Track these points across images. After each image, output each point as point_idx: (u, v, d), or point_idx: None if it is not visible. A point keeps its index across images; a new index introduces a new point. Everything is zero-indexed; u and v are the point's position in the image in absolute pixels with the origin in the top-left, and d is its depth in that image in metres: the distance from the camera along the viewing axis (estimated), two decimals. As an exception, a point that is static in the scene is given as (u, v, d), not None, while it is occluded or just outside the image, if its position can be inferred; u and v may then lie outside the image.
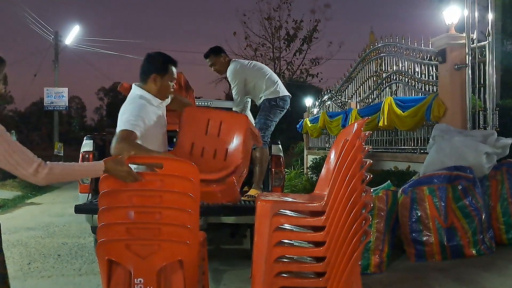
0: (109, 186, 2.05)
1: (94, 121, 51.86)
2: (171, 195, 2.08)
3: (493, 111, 4.85)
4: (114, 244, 2.06)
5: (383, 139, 7.25)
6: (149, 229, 2.07)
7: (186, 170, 2.08)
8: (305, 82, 22.00)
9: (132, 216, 2.07)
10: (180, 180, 2.08)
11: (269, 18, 22.31)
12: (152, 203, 2.07)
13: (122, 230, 2.06)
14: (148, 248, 2.05)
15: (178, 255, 2.08)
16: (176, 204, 2.07)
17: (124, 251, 2.04)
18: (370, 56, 7.82)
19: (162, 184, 2.08)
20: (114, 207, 2.07)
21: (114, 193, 2.06)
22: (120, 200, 2.06)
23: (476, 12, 4.98)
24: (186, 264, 2.08)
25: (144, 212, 2.08)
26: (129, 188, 2.04)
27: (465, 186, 3.87)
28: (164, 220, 2.06)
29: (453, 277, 3.44)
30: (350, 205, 2.01)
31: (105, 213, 2.06)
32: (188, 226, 2.06)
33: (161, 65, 2.54)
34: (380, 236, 3.68)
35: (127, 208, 2.08)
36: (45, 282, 3.77)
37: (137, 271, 2.04)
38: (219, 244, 5.17)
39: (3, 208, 8.30)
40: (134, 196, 2.07)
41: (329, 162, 2.40)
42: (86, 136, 4.40)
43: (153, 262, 2.05)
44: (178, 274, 2.08)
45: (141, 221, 2.07)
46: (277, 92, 4.26)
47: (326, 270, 2.03)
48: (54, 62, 20.41)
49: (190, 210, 2.06)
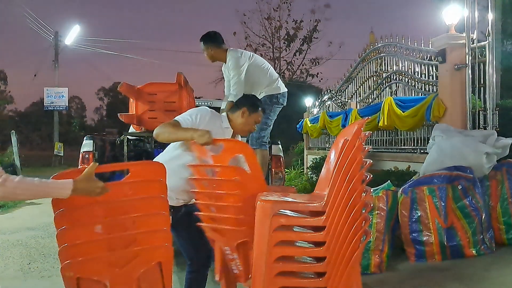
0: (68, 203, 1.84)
1: (94, 121, 51.86)
2: (144, 201, 2.01)
3: (493, 111, 4.85)
4: (86, 262, 1.92)
5: (383, 139, 7.25)
6: (124, 239, 1.98)
7: (154, 171, 2.04)
8: (305, 82, 22.04)
9: (101, 229, 1.93)
10: (150, 183, 2.03)
11: (269, 18, 22.36)
12: (124, 212, 1.97)
13: (96, 247, 1.93)
14: (125, 257, 1.97)
15: (156, 259, 2.04)
16: (150, 209, 2.01)
17: (98, 266, 1.93)
18: (370, 56, 7.82)
19: (133, 191, 1.99)
20: (83, 223, 1.91)
21: (77, 210, 1.89)
22: (87, 215, 1.92)
23: (476, 12, 4.98)
24: (164, 265, 2.05)
25: (116, 224, 1.96)
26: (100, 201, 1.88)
27: (465, 186, 3.87)
28: (139, 227, 1.98)
29: (453, 277, 3.44)
30: (350, 205, 2.00)
31: (70, 231, 1.89)
32: (164, 229, 2.03)
33: (253, 103, 2.73)
34: (380, 236, 3.68)
35: (98, 223, 1.94)
36: (45, 282, 3.77)
37: (114, 282, 1.93)
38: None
39: (3, 208, 8.30)
40: (103, 209, 1.94)
41: (329, 162, 2.40)
42: (86, 136, 4.41)
43: (131, 271, 1.97)
44: (156, 276, 2.04)
45: (115, 232, 1.96)
46: (278, 88, 4.19)
47: (326, 270, 2.03)
48: (54, 62, 20.44)
49: (164, 212, 2.03)
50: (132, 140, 5.31)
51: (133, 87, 4.57)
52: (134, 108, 4.70)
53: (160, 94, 4.61)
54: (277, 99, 4.18)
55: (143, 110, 4.60)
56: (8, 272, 4.14)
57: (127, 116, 4.61)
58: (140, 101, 4.62)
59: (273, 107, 4.17)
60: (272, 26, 22.55)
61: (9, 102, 38.95)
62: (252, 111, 2.66)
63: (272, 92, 4.17)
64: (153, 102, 4.61)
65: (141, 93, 4.60)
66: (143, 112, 4.60)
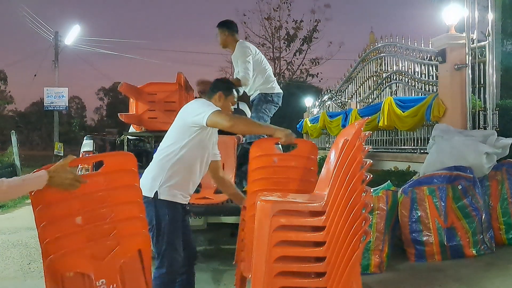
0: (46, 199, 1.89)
1: (94, 121, 51.83)
2: (119, 190, 2.07)
3: (493, 111, 4.85)
4: (68, 255, 1.95)
5: (383, 139, 7.25)
6: (103, 229, 2.02)
7: (126, 162, 2.09)
8: (305, 82, 22.03)
9: (80, 221, 1.97)
10: (123, 173, 2.08)
11: (269, 18, 22.37)
12: (101, 203, 2.02)
13: (77, 239, 1.97)
14: (106, 248, 2.01)
15: (136, 246, 2.09)
16: (126, 198, 2.08)
17: (81, 259, 1.96)
18: (370, 56, 7.83)
19: (108, 181, 2.04)
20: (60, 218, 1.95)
21: (55, 205, 1.93)
22: (64, 209, 1.95)
23: (476, 12, 4.98)
24: (144, 252, 2.10)
25: (95, 214, 2.01)
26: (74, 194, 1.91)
27: (465, 186, 3.87)
28: (117, 216, 2.04)
29: (453, 277, 3.44)
30: (350, 205, 2.00)
31: (49, 227, 1.93)
32: (140, 216, 2.09)
33: (228, 87, 2.79)
34: (380, 236, 3.68)
35: (77, 215, 1.97)
36: (45, 282, 3.77)
37: (98, 273, 1.97)
38: (219, 244, 5.17)
39: (3, 208, 8.29)
40: (80, 201, 1.97)
41: (329, 162, 2.40)
42: (86, 136, 4.42)
43: (114, 260, 2.01)
44: (136, 264, 2.09)
45: (94, 223, 2.00)
46: (272, 88, 4.30)
47: (326, 270, 2.03)
48: (54, 62, 20.42)
49: (138, 200, 2.09)
50: (132, 140, 5.31)
51: (133, 87, 4.57)
52: (134, 108, 4.70)
53: (160, 94, 4.61)
54: (271, 97, 4.28)
55: (143, 110, 4.60)
56: (8, 272, 4.14)
57: (128, 116, 4.61)
58: (140, 101, 4.62)
59: (268, 105, 4.26)
60: (272, 26, 22.58)
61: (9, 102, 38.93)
62: (227, 94, 2.70)
63: (267, 91, 4.27)
64: (153, 102, 4.62)
65: (141, 93, 4.60)
66: (143, 112, 4.60)
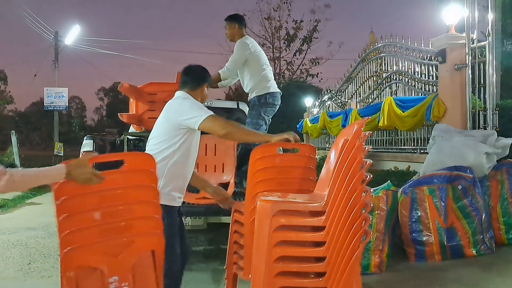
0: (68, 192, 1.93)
1: (94, 121, 51.86)
2: (137, 189, 2.09)
3: (493, 111, 4.85)
4: (84, 249, 1.98)
5: (383, 139, 7.25)
6: (119, 227, 2.05)
7: (146, 162, 2.12)
8: (305, 82, 21.99)
9: (98, 217, 2.01)
10: (142, 173, 2.11)
11: (269, 18, 22.32)
12: (119, 200, 2.05)
13: (93, 233, 1.99)
14: (120, 245, 2.03)
15: (150, 247, 2.11)
16: (143, 197, 2.10)
17: (95, 253, 1.99)
18: (370, 56, 7.83)
19: (127, 180, 2.08)
20: (79, 212, 1.98)
21: (74, 199, 1.97)
22: (84, 204, 1.99)
23: (476, 12, 4.98)
24: (157, 253, 2.12)
25: (111, 211, 2.04)
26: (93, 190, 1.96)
27: (465, 186, 3.87)
28: (134, 214, 2.07)
29: (453, 277, 3.44)
30: (350, 205, 2.00)
31: (68, 220, 1.95)
32: (156, 216, 2.10)
33: (208, 76, 2.78)
34: (380, 236, 3.68)
35: (95, 211, 2.01)
36: (45, 282, 3.77)
37: (111, 269, 2.00)
38: (219, 244, 5.17)
39: (3, 208, 8.29)
40: (99, 196, 2.01)
41: (329, 162, 2.40)
42: (86, 136, 4.42)
43: (127, 258, 2.04)
44: (149, 264, 2.11)
45: (111, 220, 2.03)
46: (267, 88, 4.19)
47: (326, 270, 2.03)
48: (54, 62, 20.41)
49: (155, 201, 2.11)
50: (132, 140, 5.31)
51: (133, 87, 4.56)
52: (134, 108, 4.69)
53: (160, 94, 4.59)
54: (266, 99, 4.17)
55: (143, 110, 4.60)
56: (8, 272, 4.14)
57: (128, 116, 4.61)
58: (140, 101, 4.62)
59: (263, 108, 4.16)
60: (272, 26, 22.55)
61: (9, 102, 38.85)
62: (207, 84, 2.73)
63: (261, 93, 4.18)
64: (153, 102, 4.61)
65: (141, 93, 4.59)
66: (143, 112, 4.59)
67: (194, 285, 3.53)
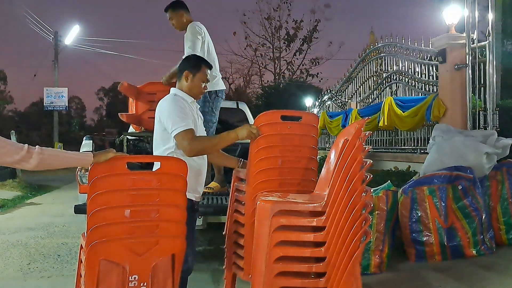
0: (102, 187, 2.02)
1: (94, 121, 51.74)
2: (168, 193, 2.15)
3: (493, 111, 4.86)
4: (111, 244, 2.05)
5: (383, 139, 7.26)
6: (147, 226, 2.11)
7: (179, 167, 2.16)
8: (305, 82, 22.02)
9: (128, 214, 2.09)
10: (174, 178, 2.16)
11: (269, 18, 22.39)
12: (150, 201, 2.12)
13: (120, 229, 2.06)
14: (146, 244, 2.09)
15: (172, 250, 2.16)
16: (172, 201, 2.14)
17: (121, 249, 2.06)
18: (370, 56, 7.83)
19: (159, 182, 2.14)
20: (111, 208, 2.05)
21: (108, 194, 2.05)
22: (117, 199, 2.07)
23: (476, 12, 4.98)
24: (177, 257, 2.17)
25: (141, 210, 2.11)
26: (127, 187, 2.06)
27: (465, 186, 3.87)
28: (162, 216, 2.12)
29: (453, 277, 3.44)
30: (350, 205, 2.00)
31: (100, 214, 2.03)
32: (181, 220, 2.16)
33: (195, 63, 2.62)
34: (380, 236, 3.68)
35: (126, 208, 2.08)
36: (45, 282, 3.77)
37: (133, 268, 2.06)
38: (219, 244, 5.16)
39: (3, 208, 8.29)
40: (131, 196, 2.09)
41: (329, 162, 2.39)
42: (85, 136, 4.41)
43: (149, 259, 2.10)
44: (168, 267, 2.16)
45: (140, 219, 2.10)
46: (216, 85, 3.99)
47: (326, 270, 2.03)
48: (54, 62, 20.43)
49: (182, 206, 2.16)
50: (132, 140, 5.31)
51: (133, 86, 4.56)
52: (134, 108, 4.70)
53: (160, 94, 4.55)
54: (216, 94, 3.99)
55: (143, 110, 4.60)
56: (8, 272, 4.13)
57: (128, 116, 4.61)
58: (140, 100, 4.62)
59: (213, 103, 3.97)
60: (272, 26, 22.59)
61: (9, 102, 38.91)
62: (195, 72, 2.56)
63: (219, 88, 4.01)
64: (153, 101, 4.60)
65: (141, 92, 4.60)
66: (143, 112, 4.59)
67: (193, 285, 3.53)
